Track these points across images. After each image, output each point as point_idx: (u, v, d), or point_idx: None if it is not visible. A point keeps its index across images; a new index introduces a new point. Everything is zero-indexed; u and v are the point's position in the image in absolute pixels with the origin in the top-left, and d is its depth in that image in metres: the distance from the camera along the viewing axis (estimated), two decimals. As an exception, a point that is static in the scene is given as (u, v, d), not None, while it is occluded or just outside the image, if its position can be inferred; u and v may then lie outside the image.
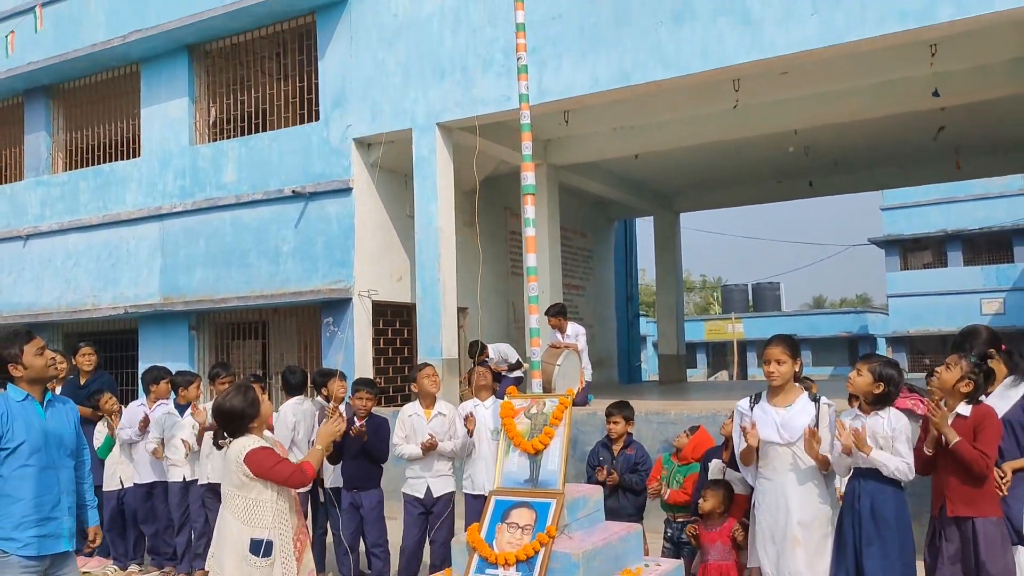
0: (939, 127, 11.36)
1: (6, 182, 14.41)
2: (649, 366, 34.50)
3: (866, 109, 10.66)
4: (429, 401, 6.33)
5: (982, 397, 4.53)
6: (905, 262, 34.83)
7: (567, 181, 13.62)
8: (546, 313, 10.12)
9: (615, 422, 6.14)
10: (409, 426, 6.26)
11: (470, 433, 6.15)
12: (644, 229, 19.57)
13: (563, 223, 13.78)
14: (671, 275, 17.72)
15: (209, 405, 6.68)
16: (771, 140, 12.37)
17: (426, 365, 6.48)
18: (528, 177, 4.62)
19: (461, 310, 11.86)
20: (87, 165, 13.40)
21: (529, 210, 4.57)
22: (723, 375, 39.00)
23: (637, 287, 19.83)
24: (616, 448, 6.11)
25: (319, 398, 7.04)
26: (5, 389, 4.04)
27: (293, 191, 10.79)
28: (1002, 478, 4.39)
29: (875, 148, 13.83)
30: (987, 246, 33.23)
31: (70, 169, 13.63)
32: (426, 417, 6.26)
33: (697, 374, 42.72)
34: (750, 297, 47.90)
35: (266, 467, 4.00)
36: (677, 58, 8.64)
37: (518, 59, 4.58)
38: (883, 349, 37.86)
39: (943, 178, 15.89)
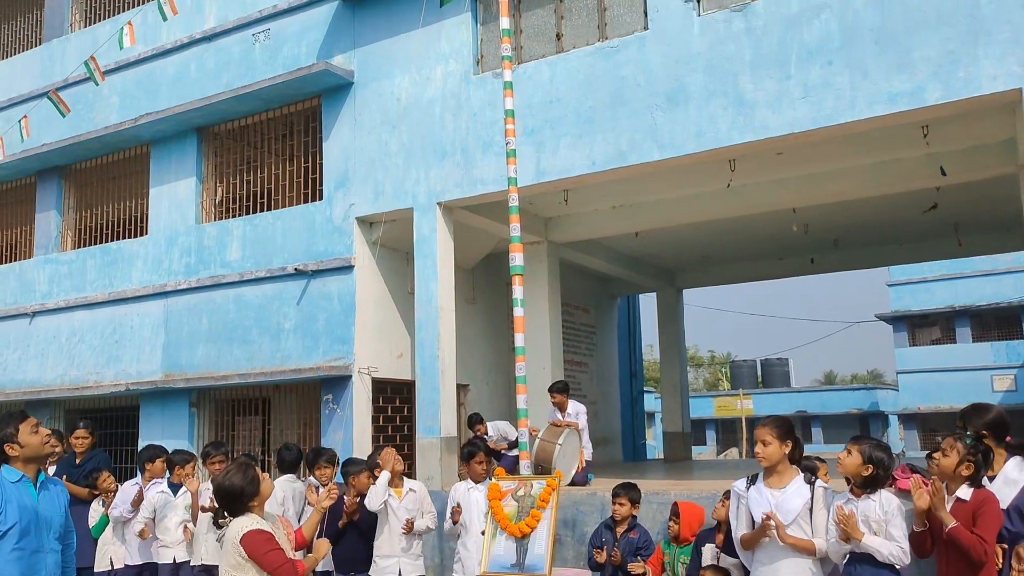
0: (931, 205, 11.44)
1: (16, 260, 14.62)
2: (657, 443, 34.08)
3: (862, 188, 10.78)
4: (397, 480, 6.29)
5: (984, 481, 4.46)
6: (913, 338, 34.65)
7: (568, 258, 13.73)
8: (550, 389, 10.09)
9: (620, 503, 6.07)
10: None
11: (455, 522, 6.09)
12: (650, 304, 19.63)
13: (565, 299, 13.82)
14: (674, 351, 17.69)
15: (205, 484, 6.64)
16: (770, 218, 12.48)
17: (382, 447, 6.50)
18: (516, 258, 4.68)
19: (462, 387, 11.82)
20: (96, 243, 13.60)
21: (518, 290, 4.62)
22: (733, 452, 38.42)
23: (641, 363, 19.76)
24: (619, 530, 6.02)
25: (311, 478, 6.99)
26: None
27: (296, 269, 10.90)
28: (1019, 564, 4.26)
29: (875, 226, 13.92)
30: (996, 322, 33.06)
31: (79, 247, 13.83)
32: (398, 496, 6.21)
33: (706, 451, 42.13)
34: (759, 373, 47.57)
35: (259, 552, 3.94)
36: (672, 139, 8.81)
37: (507, 144, 4.69)
38: (895, 426, 37.36)
39: (945, 255, 15.93)
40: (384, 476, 6.05)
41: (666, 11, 9.03)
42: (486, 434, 10.35)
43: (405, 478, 6.41)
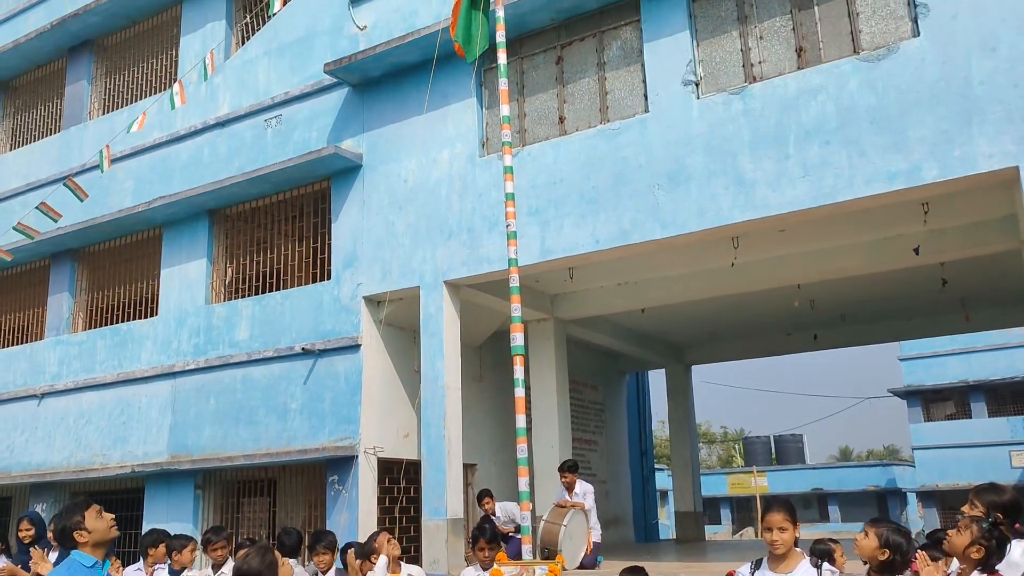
0: (942, 281, 11.46)
1: (27, 341, 14.73)
2: (670, 523, 33.36)
3: (866, 265, 10.83)
4: (395, 565, 6.21)
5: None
6: (928, 413, 34.16)
7: (575, 334, 13.73)
8: (560, 468, 9.99)
9: None
10: None
11: None
12: (660, 381, 19.46)
13: (573, 376, 13.77)
14: (684, 429, 17.49)
15: (206, 571, 6.55)
16: (775, 294, 12.51)
17: (380, 532, 6.43)
18: (517, 338, 4.71)
19: (469, 467, 11.70)
20: (106, 324, 13.72)
21: (518, 370, 4.63)
22: (748, 532, 37.56)
23: (652, 441, 19.51)
24: (626, 615, 5.88)
25: (312, 564, 6.88)
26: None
27: (303, 348, 10.95)
28: None
29: (881, 301, 13.92)
30: (1011, 396, 32.57)
31: (89, 328, 13.94)
32: None
33: (721, 530, 41.19)
34: (773, 449, 46.84)
35: None
36: (674, 218, 8.93)
37: (507, 226, 4.78)
38: (914, 504, 36.54)
39: (953, 330, 15.86)
40: (382, 561, 5.96)
41: (666, 94, 9.26)
42: (493, 512, 10.20)
43: (404, 563, 6.32)
